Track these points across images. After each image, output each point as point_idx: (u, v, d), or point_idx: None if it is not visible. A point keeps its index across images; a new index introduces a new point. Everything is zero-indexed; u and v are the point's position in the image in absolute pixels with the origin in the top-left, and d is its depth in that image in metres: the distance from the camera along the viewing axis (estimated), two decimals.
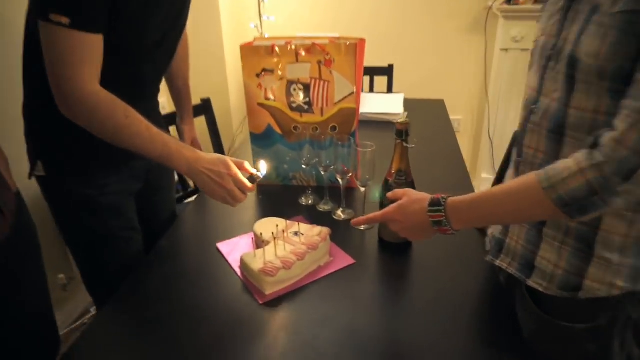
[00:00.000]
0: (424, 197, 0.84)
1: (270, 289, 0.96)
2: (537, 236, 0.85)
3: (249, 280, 0.99)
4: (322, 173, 1.23)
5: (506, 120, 2.66)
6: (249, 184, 1.01)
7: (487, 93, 2.67)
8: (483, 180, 2.78)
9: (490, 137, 2.71)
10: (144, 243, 1.24)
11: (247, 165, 1.04)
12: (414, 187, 1.04)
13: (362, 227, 1.19)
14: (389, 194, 0.91)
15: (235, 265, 1.05)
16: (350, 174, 1.18)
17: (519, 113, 0.92)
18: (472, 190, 1.36)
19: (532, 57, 0.88)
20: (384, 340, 0.86)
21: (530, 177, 0.72)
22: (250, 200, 1.35)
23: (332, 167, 1.21)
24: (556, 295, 0.82)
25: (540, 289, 0.84)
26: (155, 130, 0.95)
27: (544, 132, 0.80)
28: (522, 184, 0.74)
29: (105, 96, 0.91)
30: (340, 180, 1.19)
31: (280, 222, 1.12)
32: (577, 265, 0.80)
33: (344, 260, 1.06)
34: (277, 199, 1.35)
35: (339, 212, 1.25)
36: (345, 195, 1.24)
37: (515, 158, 0.92)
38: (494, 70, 2.61)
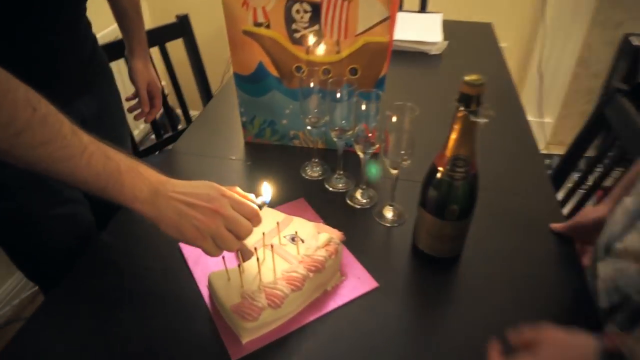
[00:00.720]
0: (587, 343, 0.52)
1: (249, 336, 0.63)
2: None
3: (219, 314, 0.67)
4: (335, 139, 0.85)
5: (562, 55, 2.16)
6: (256, 208, 0.62)
7: (543, 15, 2.15)
8: None
9: (539, 73, 2.24)
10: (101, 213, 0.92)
11: (240, 190, 0.64)
12: (476, 183, 0.67)
13: (388, 223, 0.83)
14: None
15: (202, 283, 0.72)
16: (377, 146, 0.80)
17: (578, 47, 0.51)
18: (542, 166, 0.97)
19: None
20: None
21: None
22: (234, 169, 0.98)
23: (350, 132, 0.83)
24: None
25: None
26: (85, 136, 0.54)
27: None
28: None
29: None
30: (361, 153, 0.82)
31: (271, 215, 0.77)
32: None
33: (363, 281, 0.72)
34: (271, 167, 0.98)
35: (357, 194, 0.89)
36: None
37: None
38: None
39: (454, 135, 0.63)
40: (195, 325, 0.65)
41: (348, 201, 0.88)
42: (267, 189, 0.67)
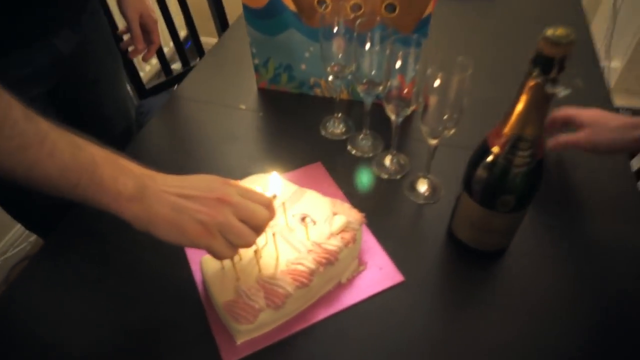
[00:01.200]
0: None
1: (245, 337, 0.54)
2: None
3: (212, 305, 0.57)
4: (361, 94, 0.70)
5: None
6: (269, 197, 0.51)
7: None
8: None
9: (614, 8, 1.91)
10: None
11: (243, 185, 0.52)
12: (541, 171, 0.52)
13: (421, 199, 0.70)
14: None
15: (195, 262, 0.61)
16: (413, 107, 0.64)
17: None
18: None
19: None
20: None
21: None
22: (243, 121, 0.84)
23: (381, 86, 0.67)
24: None
25: None
26: (44, 122, 0.42)
27: None
28: None
29: None
30: (392, 115, 0.66)
31: (281, 185, 0.64)
32: None
33: (386, 273, 0.60)
34: (286, 121, 0.83)
35: (386, 160, 0.75)
36: (398, 133, 0.72)
37: None
38: None
39: (519, 108, 0.47)
40: (184, 317, 0.56)
41: (374, 168, 0.74)
42: (277, 180, 0.55)
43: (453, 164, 0.73)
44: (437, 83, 0.54)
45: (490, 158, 0.52)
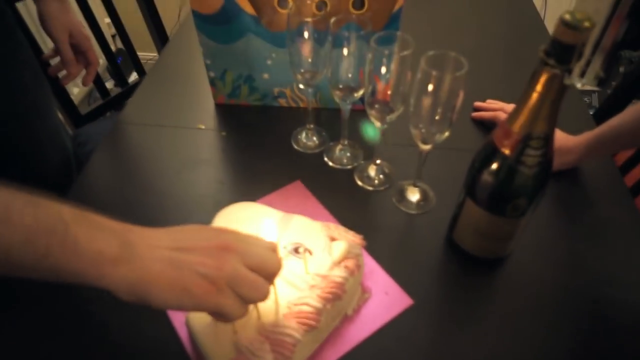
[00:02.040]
0: None
1: None
2: None
3: None
4: (338, 101, 0.64)
5: None
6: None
7: None
8: None
9: None
10: None
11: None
12: (551, 169, 0.48)
13: (412, 209, 0.65)
14: None
15: (178, 320, 0.52)
16: (399, 111, 0.59)
17: None
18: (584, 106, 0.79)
19: None
20: None
21: None
22: (206, 142, 0.75)
23: (360, 91, 0.61)
24: None
25: None
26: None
27: None
28: None
29: None
30: (377, 122, 0.60)
31: (264, 214, 0.57)
32: None
33: (392, 298, 0.54)
34: (253, 137, 0.75)
35: (371, 170, 0.69)
36: (382, 140, 0.66)
37: None
38: None
39: (532, 104, 0.43)
40: None
41: (358, 181, 0.68)
42: (272, 227, 0.47)
43: (442, 167, 0.69)
44: (428, 82, 0.49)
45: (499, 161, 0.47)
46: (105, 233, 0.35)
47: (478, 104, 0.78)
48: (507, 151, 0.46)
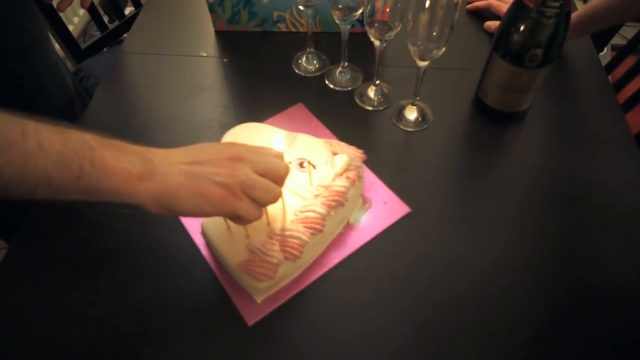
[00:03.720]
0: None
1: (263, 295, 0.51)
2: None
3: (222, 268, 0.53)
4: (338, 21, 0.65)
5: None
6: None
7: None
8: None
9: None
10: None
11: None
12: (568, 23, 0.55)
13: (410, 127, 0.67)
14: None
15: (193, 229, 0.57)
16: (398, 29, 0.60)
17: None
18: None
19: None
20: None
21: None
22: (208, 69, 0.77)
23: (358, 10, 0.62)
24: None
25: None
26: (12, 115, 0.35)
27: None
28: None
29: None
30: (376, 41, 0.62)
31: (270, 132, 0.60)
32: None
33: (391, 207, 0.59)
34: (255, 63, 0.77)
35: (370, 91, 0.71)
36: (381, 61, 0.68)
37: None
38: None
39: None
40: (195, 286, 0.52)
41: (357, 101, 0.71)
42: (279, 143, 0.50)
43: (439, 87, 0.71)
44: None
45: (522, 13, 0.54)
46: (129, 154, 0.39)
47: None
48: (531, 4, 0.53)
